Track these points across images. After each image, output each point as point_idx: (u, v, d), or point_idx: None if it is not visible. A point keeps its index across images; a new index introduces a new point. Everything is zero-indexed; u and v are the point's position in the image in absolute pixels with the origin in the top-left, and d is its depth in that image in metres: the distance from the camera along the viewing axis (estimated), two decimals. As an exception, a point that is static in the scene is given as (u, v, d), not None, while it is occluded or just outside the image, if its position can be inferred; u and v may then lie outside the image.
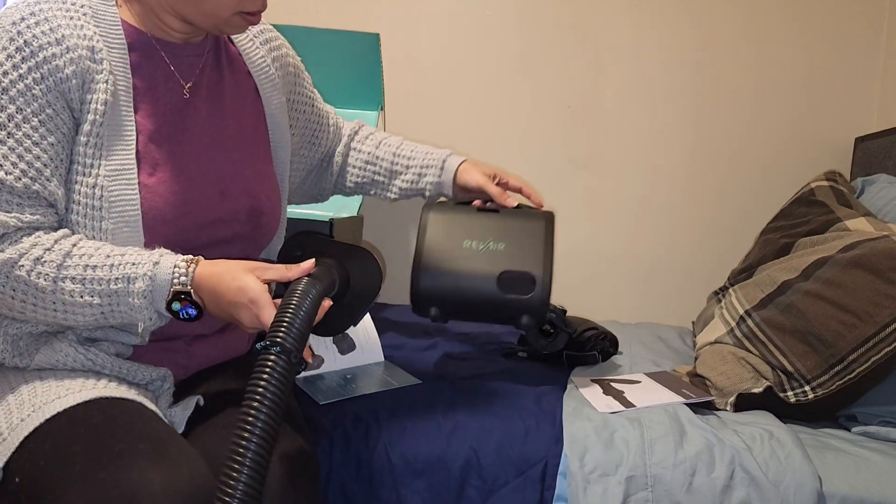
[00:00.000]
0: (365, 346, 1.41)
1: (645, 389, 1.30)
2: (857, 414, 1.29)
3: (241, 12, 0.96)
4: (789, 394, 1.27)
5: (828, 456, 1.14)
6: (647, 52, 2.11)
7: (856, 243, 1.33)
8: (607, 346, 1.48)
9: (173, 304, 0.88)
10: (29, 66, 0.88)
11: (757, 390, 1.27)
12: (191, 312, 0.88)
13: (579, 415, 1.17)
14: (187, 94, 1.02)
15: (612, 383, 1.33)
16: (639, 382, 1.34)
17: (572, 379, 1.35)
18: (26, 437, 0.82)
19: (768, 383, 1.28)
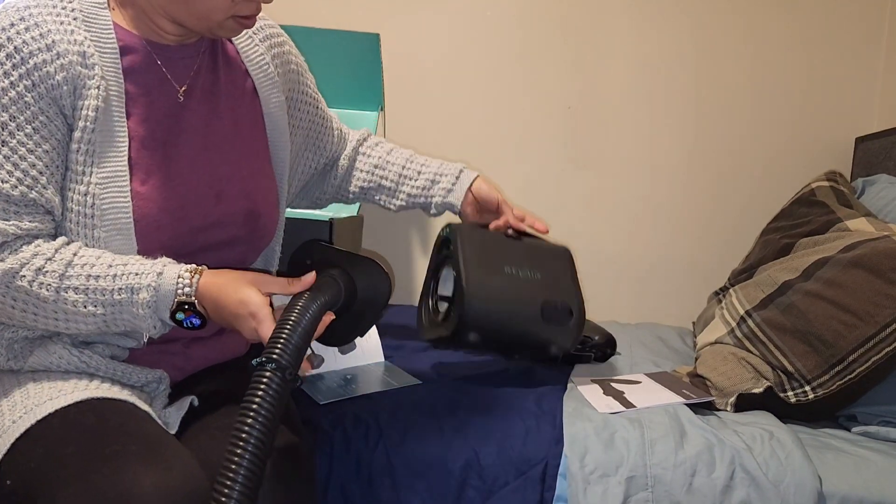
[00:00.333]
0: (365, 347, 1.41)
1: (645, 390, 1.30)
2: (857, 414, 1.29)
3: (235, 16, 0.94)
4: (790, 394, 1.27)
5: (828, 456, 1.14)
6: (647, 53, 2.11)
7: (856, 243, 1.32)
8: (597, 353, 1.48)
9: (177, 314, 0.88)
10: (20, 73, 0.86)
11: (757, 390, 1.27)
12: (195, 322, 0.88)
13: (579, 415, 1.17)
14: (182, 97, 0.99)
15: (612, 384, 1.33)
16: (639, 383, 1.34)
17: (572, 379, 1.34)
18: (17, 439, 0.82)
19: (769, 383, 1.28)
